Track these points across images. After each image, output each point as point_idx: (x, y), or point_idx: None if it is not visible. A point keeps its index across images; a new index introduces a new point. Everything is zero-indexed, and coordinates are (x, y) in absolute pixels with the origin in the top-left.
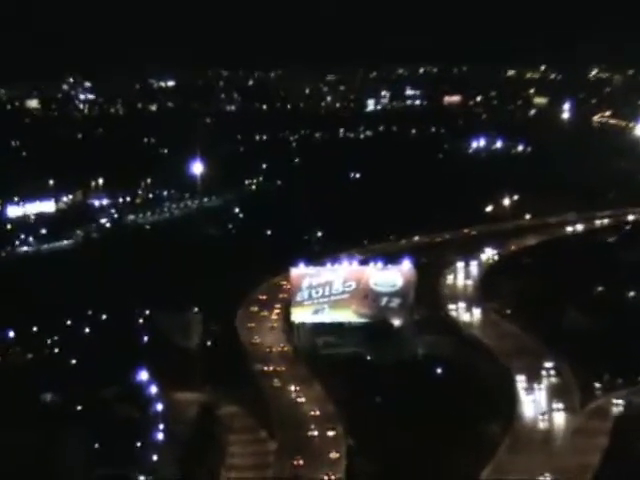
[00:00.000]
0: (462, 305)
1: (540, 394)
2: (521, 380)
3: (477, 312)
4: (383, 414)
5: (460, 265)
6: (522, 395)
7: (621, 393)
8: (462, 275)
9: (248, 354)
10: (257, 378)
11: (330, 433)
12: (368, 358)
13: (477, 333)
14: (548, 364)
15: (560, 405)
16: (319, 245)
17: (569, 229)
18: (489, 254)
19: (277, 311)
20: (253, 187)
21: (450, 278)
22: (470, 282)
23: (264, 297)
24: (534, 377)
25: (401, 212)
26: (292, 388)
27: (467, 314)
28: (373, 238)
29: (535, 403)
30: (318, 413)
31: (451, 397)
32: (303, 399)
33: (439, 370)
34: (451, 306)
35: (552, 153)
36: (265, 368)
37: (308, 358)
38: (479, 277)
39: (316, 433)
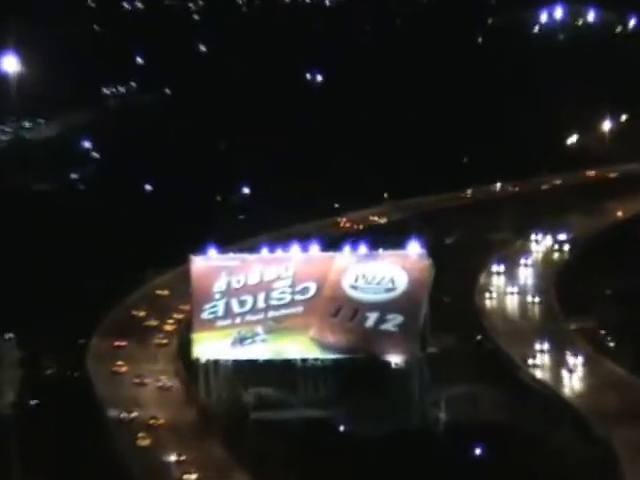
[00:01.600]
0: (522, 327)
1: None
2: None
3: (550, 339)
4: None
5: (516, 250)
6: None
7: None
8: (516, 269)
9: (108, 428)
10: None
11: None
12: (341, 429)
13: (549, 378)
14: None
15: None
16: (246, 213)
17: None
18: (569, 228)
19: (165, 341)
20: (118, 101)
21: (493, 274)
22: (531, 280)
23: (141, 314)
24: None
25: (400, 151)
26: None
27: (529, 341)
28: (347, 201)
29: None
30: None
31: None
32: None
33: (477, 451)
34: (497, 324)
35: None
36: (143, 457)
37: (226, 430)
38: (549, 272)
39: None
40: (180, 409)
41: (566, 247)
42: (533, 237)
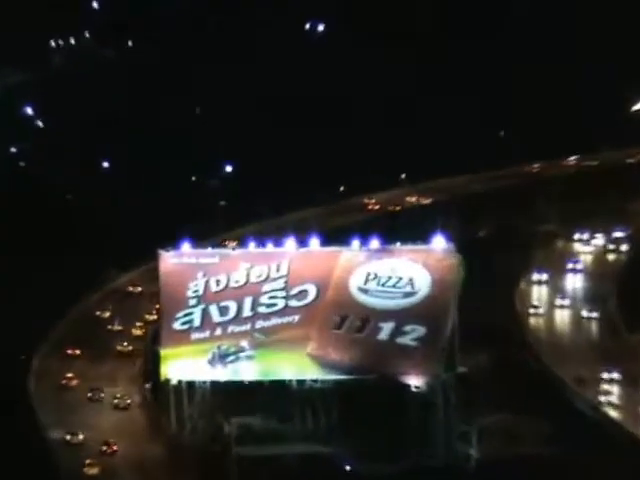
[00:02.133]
0: (578, 341)
1: None
2: None
3: (615, 357)
4: None
5: (569, 244)
6: None
7: None
8: (576, 269)
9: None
10: None
11: None
12: (348, 469)
13: (612, 407)
14: None
15: None
16: (228, 198)
17: None
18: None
19: (129, 356)
20: (69, 55)
21: (546, 274)
22: (594, 285)
23: (100, 319)
24: None
25: (417, 119)
26: None
27: (588, 362)
28: (356, 182)
29: None
30: None
31: None
32: None
33: None
34: (543, 339)
35: None
36: None
37: (201, 468)
38: (617, 274)
39: None
40: (143, 439)
41: None
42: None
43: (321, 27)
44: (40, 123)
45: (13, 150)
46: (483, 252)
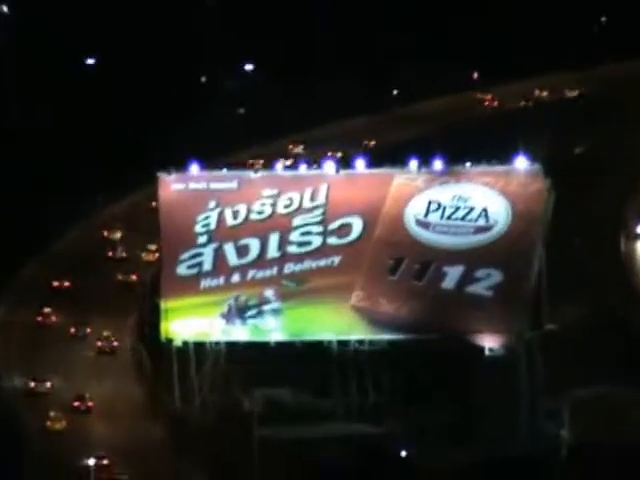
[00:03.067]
0: None
1: None
2: None
3: None
4: None
5: None
6: None
7: None
8: None
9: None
10: None
11: None
12: (403, 454)
13: None
14: None
15: None
16: (248, 101)
17: None
18: None
19: (121, 308)
20: None
21: None
22: None
23: (86, 263)
24: None
25: None
26: None
27: None
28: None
29: None
30: None
31: None
32: None
33: None
34: None
35: None
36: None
37: (218, 460)
38: None
39: None
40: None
41: None
42: None
43: None
44: None
45: None
46: (580, 176)
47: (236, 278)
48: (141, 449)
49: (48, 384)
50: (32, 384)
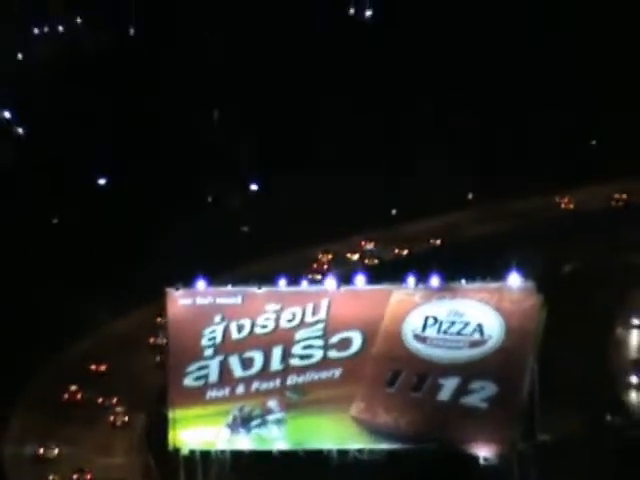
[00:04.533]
0: None
1: None
2: None
3: None
4: None
5: None
6: None
7: None
8: None
9: None
10: None
11: None
12: None
13: None
14: None
15: None
16: (251, 222)
17: None
18: None
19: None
20: (57, 45)
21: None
22: None
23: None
24: None
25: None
26: None
27: None
28: (413, 204)
29: None
30: None
31: None
32: None
33: None
34: None
35: None
36: None
37: None
38: None
39: None
40: None
41: None
42: None
43: None
44: (18, 130)
45: None
46: (569, 291)
47: (241, 389)
48: None
49: (56, 451)
50: (41, 450)
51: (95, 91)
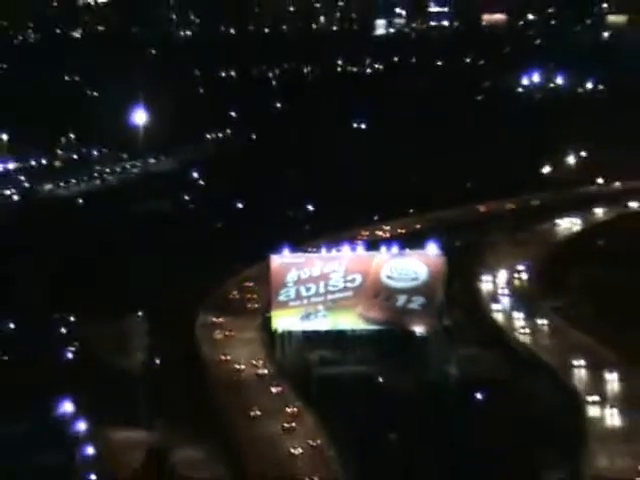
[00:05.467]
0: (511, 306)
1: (622, 434)
2: (596, 413)
3: (532, 315)
4: (401, 459)
5: (506, 249)
6: (599, 435)
7: None
8: (509, 263)
9: (213, 378)
10: (225, 411)
11: None
12: (380, 380)
13: (533, 346)
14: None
15: None
16: (310, 224)
17: None
18: (546, 233)
19: (253, 316)
20: (218, 143)
21: (495, 268)
22: (523, 274)
23: (235, 297)
24: (615, 408)
25: (424, 177)
26: (275, 425)
27: (519, 319)
28: (385, 214)
29: (619, 445)
30: (311, 461)
31: (496, 436)
32: (291, 440)
33: (479, 397)
34: (496, 307)
35: (633, 93)
36: (237, 397)
37: (297, 381)
38: (535, 266)
39: None
40: (263, 362)
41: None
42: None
43: None
44: (200, 182)
45: (186, 198)
46: (458, 256)
47: (305, 302)
48: (261, 378)
49: (226, 356)
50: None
51: None
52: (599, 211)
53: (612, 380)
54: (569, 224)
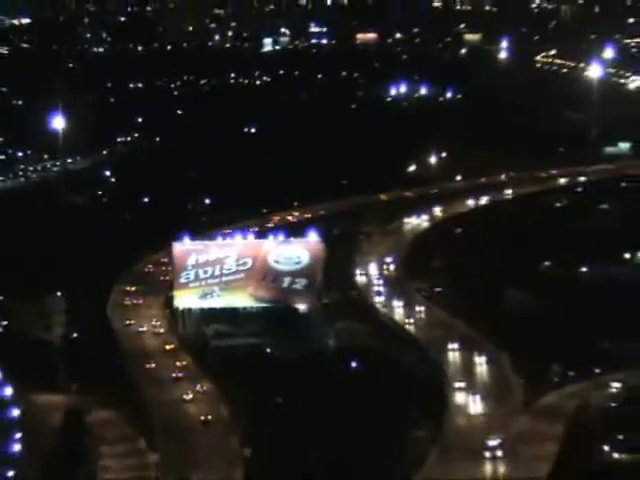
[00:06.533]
0: (381, 286)
1: (476, 392)
2: (453, 375)
3: (399, 294)
4: (287, 418)
5: (377, 238)
6: (455, 394)
7: (574, 387)
8: (380, 249)
9: (123, 348)
10: (134, 377)
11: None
12: (268, 351)
13: (399, 319)
14: (484, 355)
15: (499, 405)
16: (207, 215)
17: (508, 192)
18: (412, 224)
19: (157, 295)
20: (127, 146)
21: (366, 253)
22: (390, 258)
23: (141, 277)
24: (468, 371)
25: (306, 175)
26: (177, 389)
27: (387, 297)
28: (273, 206)
29: (470, 403)
30: (209, 418)
31: (369, 397)
32: (190, 402)
33: (354, 364)
34: (367, 287)
35: (487, 101)
36: (144, 364)
37: (196, 351)
38: (400, 252)
39: (206, 442)
40: (166, 335)
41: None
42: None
43: None
44: (112, 179)
45: (99, 192)
46: (335, 243)
47: (203, 283)
48: (164, 349)
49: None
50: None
51: None
52: (458, 204)
53: (456, 349)
54: (429, 216)
